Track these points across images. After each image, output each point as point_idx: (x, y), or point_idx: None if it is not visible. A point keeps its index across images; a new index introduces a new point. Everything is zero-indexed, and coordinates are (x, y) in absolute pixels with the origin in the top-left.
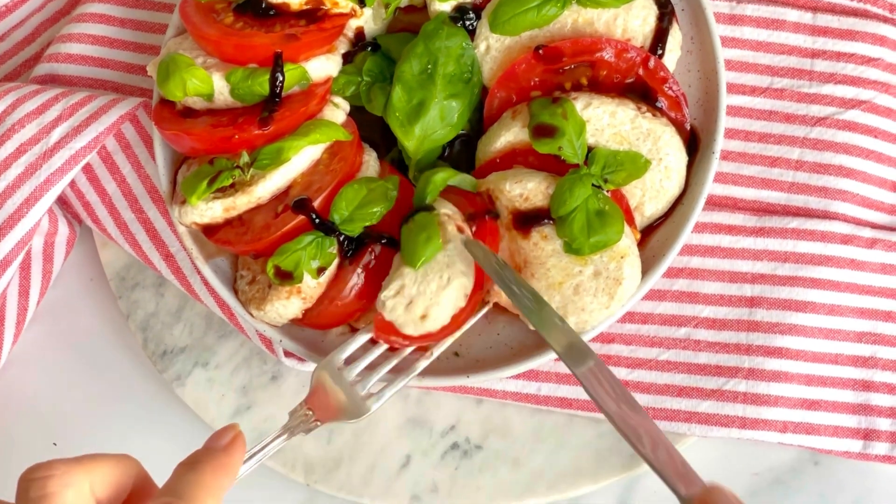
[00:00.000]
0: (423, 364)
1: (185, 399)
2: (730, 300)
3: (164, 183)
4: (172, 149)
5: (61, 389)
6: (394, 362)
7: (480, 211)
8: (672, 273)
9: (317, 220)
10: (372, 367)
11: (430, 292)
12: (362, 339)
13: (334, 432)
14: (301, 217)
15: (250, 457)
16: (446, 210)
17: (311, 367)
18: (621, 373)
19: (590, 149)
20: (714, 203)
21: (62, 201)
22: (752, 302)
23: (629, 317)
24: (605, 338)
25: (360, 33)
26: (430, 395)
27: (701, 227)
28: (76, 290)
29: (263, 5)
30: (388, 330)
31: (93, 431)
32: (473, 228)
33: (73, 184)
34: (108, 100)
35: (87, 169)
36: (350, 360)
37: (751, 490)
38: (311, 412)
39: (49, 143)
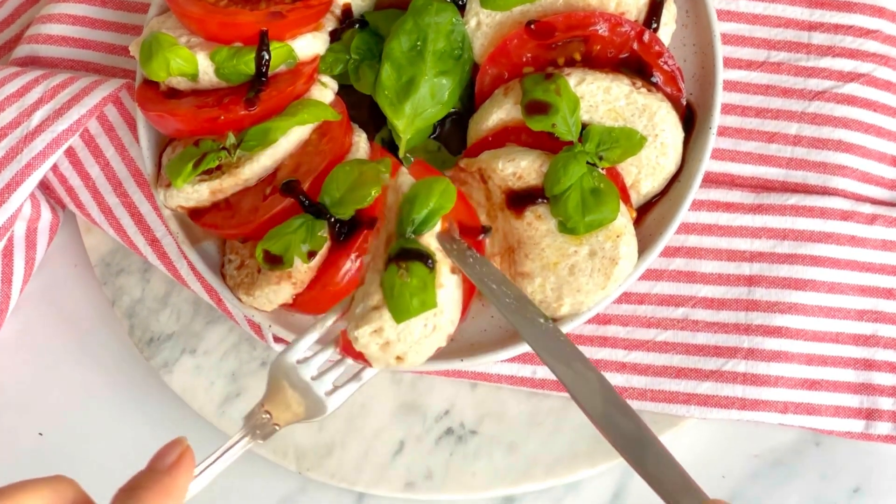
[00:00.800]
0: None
1: (173, 387)
2: (728, 279)
3: (149, 166)
4: (157, 131)
5: (46, 378)
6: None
7: (474, 228)
8: (669, 252)
9: (306, 203)
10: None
11: (411, 340)
12: (319, 333)
13: (326, 418)
14: (290, 200)
15: (202, 471)
16: (440, 249)
17: None
18: (618, 354)
19: (584, 126)
20: (711, 180)
21: (44, 186)
22: (751, 280)
23: (625, 297)
24: (601, 319)
25: (347, 10)
26: (423, 380)
27: (698, 205)
28: (60, 276)
29: None
30: (355, 355)
31: (79, 421)
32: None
33: (55, 168)
34: (90, 81)
35: (70, 152)
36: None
37: (751, 472)
38: (268, 415)
39: (30, 127)
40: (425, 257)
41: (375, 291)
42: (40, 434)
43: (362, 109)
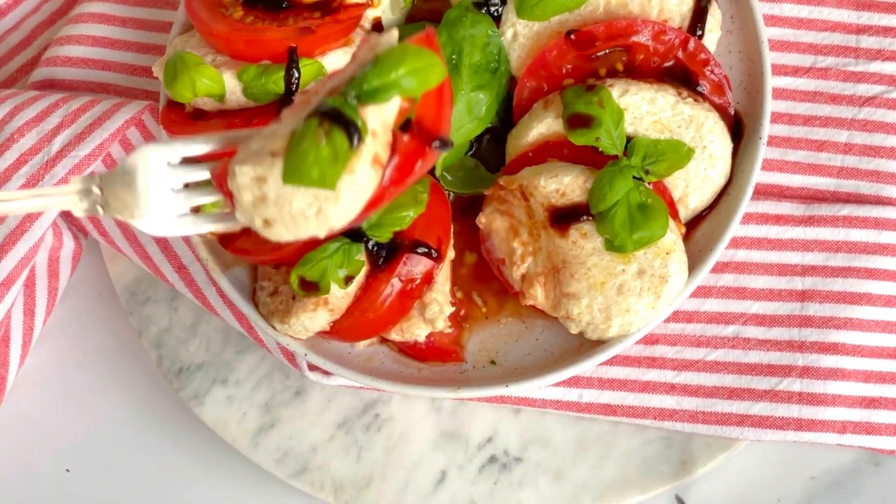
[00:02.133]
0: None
1: (204, 419)
2: (780, 294)
3: None
4: None
5: (72, 412)
6: None
7: (431, 134)
8: (717, 268)
9: None
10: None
11: (286, 210)
12: (208, 144)
13: (364, 448)
14: None
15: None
16: (375, 132)
17: (337, 380)
18: (667, 375)
19: (629, 139)
20: (759, 191)
21: (66, 213)
22: (804, 296)
23: (673, 316)
24: (648, 339)
25: (377, 23)
26: (464, 406)
27: (746, 218)
28: (84, 306)
29: None
30: (225, 192)
31: (107, 456)
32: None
33: None
34: (111, 104)
35: None
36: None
37: (808, 495)
38: (99, 192)
39: (51, 153)
40: (354, 130)
41: (282, 137)
42: (67, 471)
43: None
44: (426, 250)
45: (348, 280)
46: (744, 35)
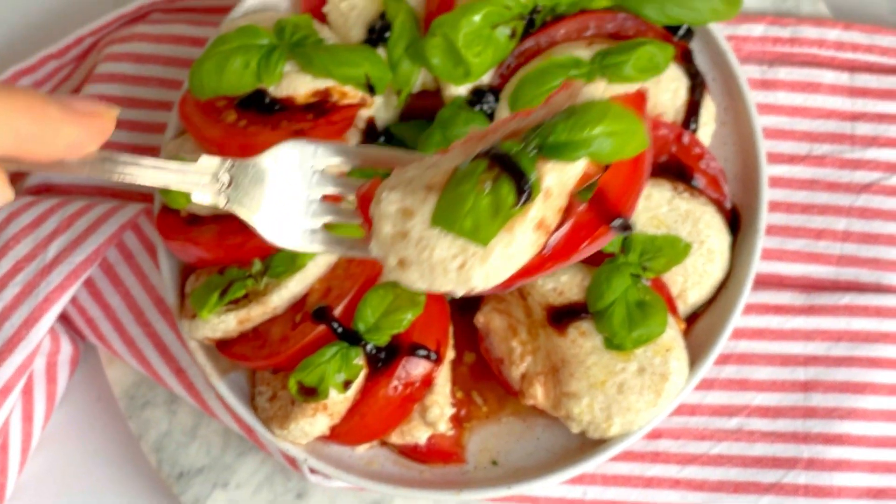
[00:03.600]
0: None
1: None
2: (783, 385)
3: (172, 296)
4: (178, 258)
5: None
6: None
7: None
8: (719, 360)
9: (339, 330)
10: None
11: (426, 255)
12: (359, 158)
13: None
14: (322, 327)
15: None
16: (549, 194)
17: (339, 483)
18: (671, 470)
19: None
20: (759, 281)
21: (63, 318)
22: (807, 386)
23: (676, 409)
24: (652, 433)
25: (371, 123)
26: None
27: (747, 309)
28: (83, 411)
29: (268, 101)
30: (365, 216)
31: None
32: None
33: (74, 299)
34: (107, 208)
35: (89, 282)
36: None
37: None
38: (226, 181)
39: (46, 259)
40: (525, 185)
41: (444, 171)
42: None
43: None
44: (425, 353)
45: (347, 384)
46: (738, 126)
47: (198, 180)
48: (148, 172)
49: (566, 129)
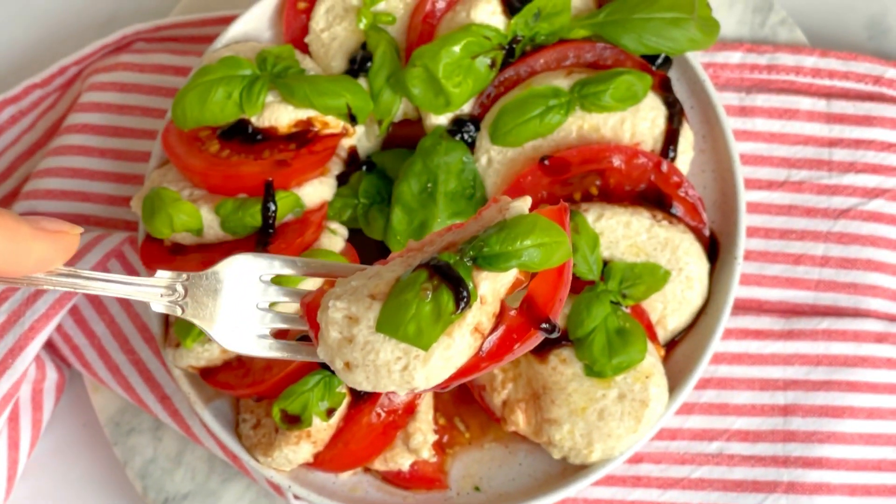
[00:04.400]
0: None
1: None
2: (763, 409)
3: (156, 325)
4: None
5: None
6: None
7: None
8: (699, 384)
9: None
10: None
11: (371, 359)
12: (306, 269)
13: None
14: None
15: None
16: (485, 301)
17: None
18: (653, 494)
19: (605, 263)
20: (738, 306)
21: (49, 345)
22: (787, 410)
23: (657, 434)
24: (633, 458)
25: (353, 152)
26: None
27: (726, 333)
28: (68, 438)
29: (250, 131)
30: (312, 323)
31: None
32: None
33: (59, 327)
34: (91, 237)
35: (74, 310)
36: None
37: None
38: (182, 292)
39: (31, 288)
40: (464, 293)
41: (386, 281)
42: None
43: (374, 256)
44: None
45: (330, 412)
46: (716, 154)
47: (155, 292)
48: (109, 286)
49: (498, 241)
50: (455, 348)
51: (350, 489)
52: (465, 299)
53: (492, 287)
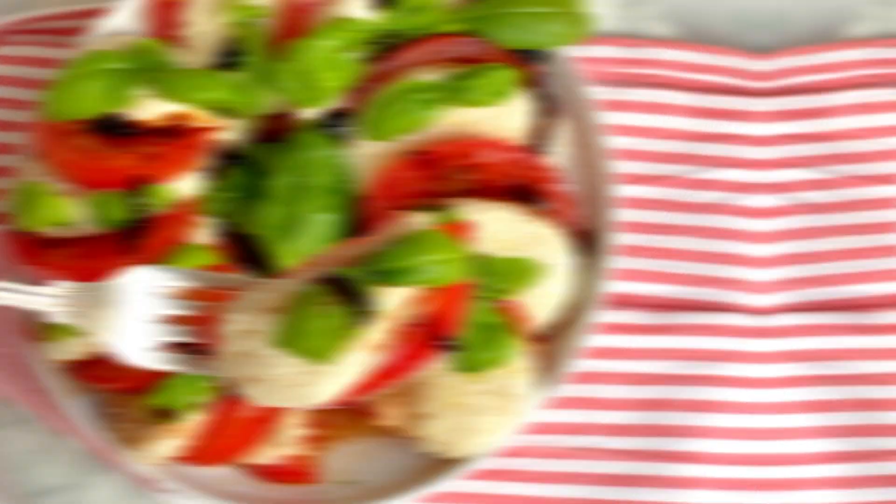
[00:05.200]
0: None
1: None
2: (634, 404)
3: (27, 319)
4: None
5: None
6: None
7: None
8: (572, 379)
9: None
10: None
11: (270, 371)
12: (203, 282)
13: None
14: None
15: None
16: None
17: (195, 502)
18: (529, 488)
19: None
20: (610, 301)
21: None
22: (657, 405)
23: (531, 427)
24: (508, 451)
25: (226, 146)
26: None
27: (599, 328)
28: None
29: (121, 124)
30: (210, 338)
31: None
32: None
33: None
34: None
35: None
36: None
37: None
38: (81, 302)
39: None
40: (361, 308)
41: (285, 295)
42: None
43: (248, 249)
44: None
45: (199, 406)
46: (588, 148)
47: (50, 302)
48: (2, 294)
49: (399, 257)
50: (352, 364)
51: (221, 482)
52: (364, 315)
53: (391, 303)
